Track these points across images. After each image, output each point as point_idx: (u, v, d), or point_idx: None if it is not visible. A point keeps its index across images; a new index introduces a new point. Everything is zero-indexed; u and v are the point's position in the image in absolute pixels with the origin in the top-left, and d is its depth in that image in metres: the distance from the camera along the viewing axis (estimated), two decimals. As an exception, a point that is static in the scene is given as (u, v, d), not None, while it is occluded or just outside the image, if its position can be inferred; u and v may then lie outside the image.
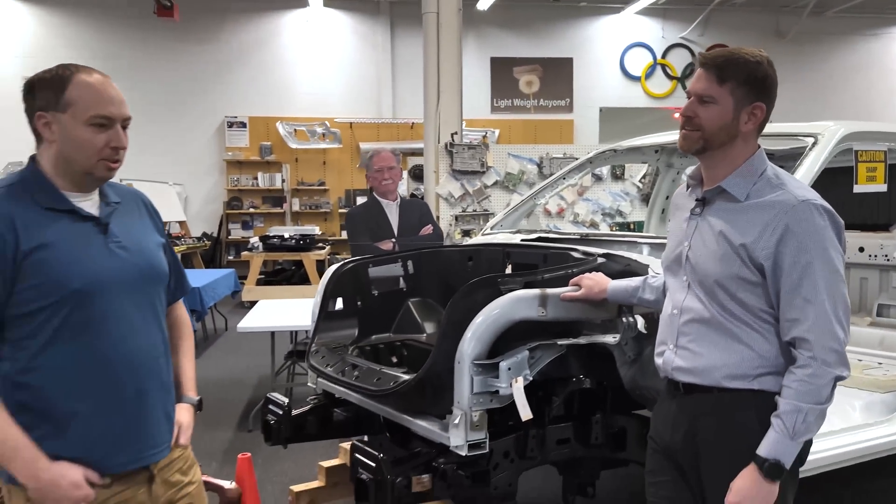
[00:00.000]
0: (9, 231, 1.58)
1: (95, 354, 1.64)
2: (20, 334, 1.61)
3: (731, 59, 1.83)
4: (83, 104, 1.64)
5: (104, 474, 1.65)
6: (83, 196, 1.71)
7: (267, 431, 3.14)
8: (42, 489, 1.58)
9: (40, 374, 1.61)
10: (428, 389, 2.52)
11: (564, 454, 2.78)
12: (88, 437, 1.64)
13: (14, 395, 1.60)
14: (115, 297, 1.67)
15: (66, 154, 1.66)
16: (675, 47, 14.47)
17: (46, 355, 1.61)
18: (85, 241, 1.67)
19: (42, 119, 1.66)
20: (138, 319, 1.72)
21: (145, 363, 1.72)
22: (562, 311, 2.47)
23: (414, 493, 2.48)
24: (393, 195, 4.46)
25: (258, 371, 6.59)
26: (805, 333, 1.73)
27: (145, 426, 1.73)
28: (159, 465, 1.76)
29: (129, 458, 1.70)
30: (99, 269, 1.66)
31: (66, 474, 1.59)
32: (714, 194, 1.89)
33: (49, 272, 1.60)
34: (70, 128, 1.64)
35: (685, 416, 1.91)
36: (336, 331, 3.33)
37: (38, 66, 1.79)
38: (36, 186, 1.66)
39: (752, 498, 1.74)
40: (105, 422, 1.66)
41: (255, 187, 13.14)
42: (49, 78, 1.67)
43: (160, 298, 1.82)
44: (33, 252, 1.59)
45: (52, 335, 1.61)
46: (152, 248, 1.81)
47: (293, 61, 13.42)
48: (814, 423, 1.73)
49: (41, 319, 1.60)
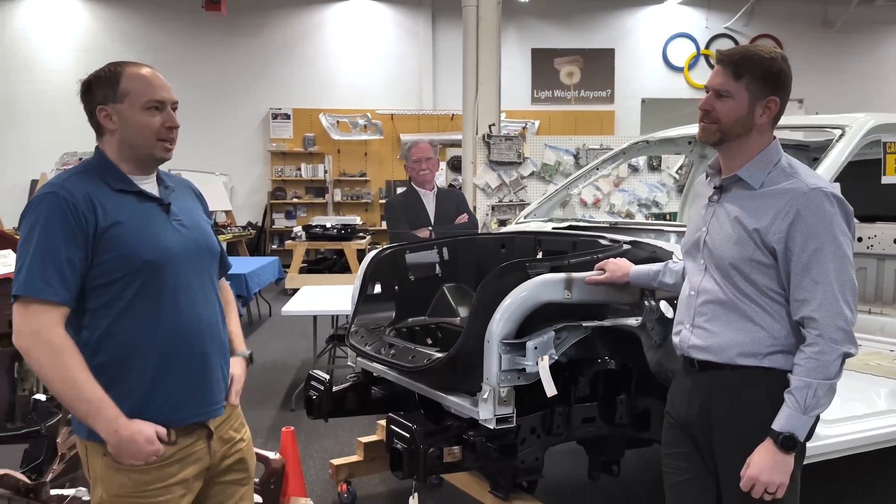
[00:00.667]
0: (90, 211, 1.75)
1: (164, 320, 1.81)
2: (99, 303, 1.78)
3: (746, 56, 1.93)
4: (137, 92, 1.83)
5: (171, 428, 1.83)
6: (145, 179, 1.90)
7: (309, 406, 3.32)
8: (120, 444, 1.74)
9: (117, 339, 1.78)
10: (459, 367, 2.67)
11: (590, 432, 2.91)
12: (158, 396, 1.81)
13: (94, 359, 1.75)
14: (180, 269, 1.84)
15: (128, 139, 1.85)
16: (720, 37, 14.32)
17: (122, 322, 1.78)
18: (152, 218, 1.84)
19: (103, 112, 1.84)
20: (199, 288, 1.89)
21: (207, 327, 1.89)
22: (586, 294, 2.60)
23: (445, 463, 2.63)
24: (430, 185, 4.61)
25: (301, 355, 6.83)
26: (813, 313, 1.83)
27: (207, 384, 1.90)
28: (216, 423, 1.94)
29: (193, 413, 1.87)
30: (165, 243, 1.83)
31: (143, 430, 1.75)
32: (731, 182, 2.00)
33: (124, 246, 1.77)
34: (129, 115, 1.83)
35: (700, 391, 2.03)
36: (374, 313, 3.50)
37: (92, 60, 1.97)
38: (105, 172, 1.84)
39: (770, 469, 1.85)
40: (173, 381, 1.82)
41: (299, 178, 13.43)
42: (104, 75, 1.85)
43: (214, 270, 2.01)
44: (110, 228, 1.76)
45: (127, 303, 1.78)
46: (205, 227, 2.00)
47: (336, 54, 13.66)
48: (823, 397, 1.84)
49: (117, 289, 1.77)
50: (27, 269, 1.72)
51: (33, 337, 1.71)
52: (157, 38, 13.10)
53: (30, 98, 12.90)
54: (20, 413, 3.39)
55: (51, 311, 1.71)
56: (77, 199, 1.75)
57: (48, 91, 12.80)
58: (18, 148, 12.70)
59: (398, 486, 3.82)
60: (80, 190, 1.77)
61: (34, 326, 1.71)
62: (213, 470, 1.95)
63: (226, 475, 1.99)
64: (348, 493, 3.68)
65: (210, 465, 1.93)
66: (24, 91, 12.91)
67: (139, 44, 12.94)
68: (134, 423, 1.76)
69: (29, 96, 12.91)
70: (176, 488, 1.84)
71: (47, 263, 1.71)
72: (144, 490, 1.80)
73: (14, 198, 12.24)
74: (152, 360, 1.80)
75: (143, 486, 1.79)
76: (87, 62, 14.26)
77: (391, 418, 2.77)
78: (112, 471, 1.79)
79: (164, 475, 1.82)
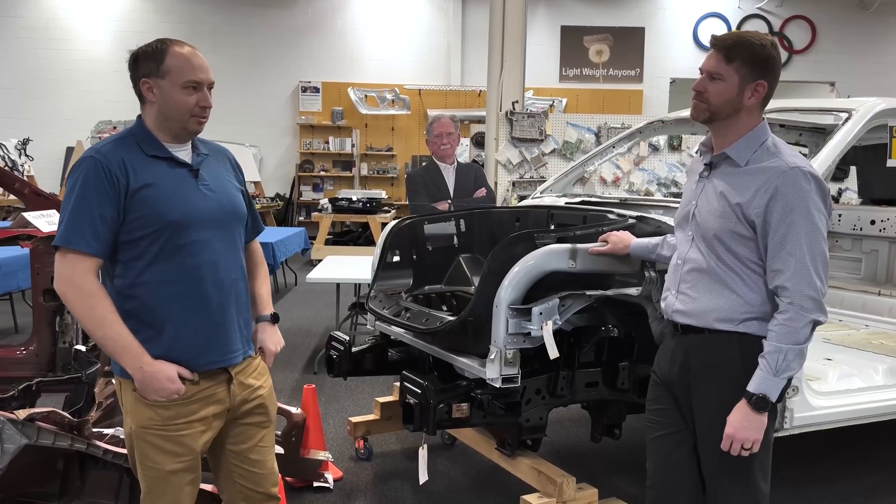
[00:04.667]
0: (122, 173, 1.95)
1: (187, 273, 2.01)
2: (129, 256, 1.99)
3: (738, 42, 2.06)
4: (178, 71, 1.99)
5: (193, 371, 2.04)
6: (179, 147, 2.08)
7: (329, 365, 3.53)
8: (144, 380, 1.95)
9: (144, 288, 1.99)
10: (469, 329, 2.85)
11: (592, 396, 3.07)
12: (180, 340, 2.01)
13: (124, 306, 1.97)
14: (204, 228, 2.04)
15: (165, 112, 2.02)
16: (752, 18, 14.17)
17: (149, 273, 1.98)
18: (180, 182, 2.03)
19: (146, 84, 2.02)
20: (221, 247, 2.08)
21: (226, 282, 2.08)
22: (589, 264, 2.75)
23: (453, 418, 2.82)
24: (450, 159, 4.76)
25: (324, 322, 7.07)
26: (785, 282, 1.98)
27: (226, 333, 2.09)
28: (236, 370, 2.15)
29: (212, 359, 2.07)
30: (191, 204, 2.02)
31: (164, 369, 1.96)
32: (720, 159, 2.14)
33: (152, 206, 1.97)
34: (168, 91, 2.00)
35: (680, 352, 2.20)
36: (393, 280, 3.68)
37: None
38: (142, 138, 2.04)
39: (746, 428, 2.01)
40: (194, 328, 2.02)
41: (326, 151, 13.64)
42: (150, 51, 2.02)
43: (239, 234, 2.20)
44: (140, 190, 1.96)
45: (154, 257, 1.98)
46: (234, 193, 2.17)
47: (366, 28, 13.77)
48: (794, 360, 1.99)
49: (145, 244, 1.97)
50: (65, 224, 1.94)
51: (68, 282, 1.94)
52: (191, 9, 13.30)
53: (66, 68, 13.22)
54: (61, 363, 3.64)
55: (84, 261, 1.93)
56: (111, 163, 1.95)
57: (84, 61, 13.11)
58: (55, 116, 13.04)
59: (412, 443, 4.02)
60: (115, 155, 1.98)
61: (69, 273, 1.93)
62: (234, 412, 2.15)
63: (246, 418, 2.19)
64: (365, 450, 3.90)
65: (230, 407, 2.14)
66: (61, 61, 13.22)
67: (173, 14, 13.17)
68: (158, 362, 1.97)
69: (65, 66, 13.22)
70: (196, 424, 2.05)
71: (83, 219, 1.93)
72: (168, 424, 2.01)
73: (51, 164, 12.63)
74: (175, 310, 2.01)
75: (166, 420, 2.01)
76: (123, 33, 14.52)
77: (405, 376, 2.95)
78: (140, 405, 2.01)
79: (186, 412, 2.03)
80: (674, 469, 2.24)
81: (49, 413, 2.45)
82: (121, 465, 2.62)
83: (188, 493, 2.08)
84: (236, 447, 2.19)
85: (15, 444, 2.30)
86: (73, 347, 3.60)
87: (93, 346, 3.74)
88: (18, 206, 8.84)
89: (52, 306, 3.67)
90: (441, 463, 3.84)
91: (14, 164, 10.32)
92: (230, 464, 2.19)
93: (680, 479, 2.23)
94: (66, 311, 3.65)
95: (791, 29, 14.23)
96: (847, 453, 4.09)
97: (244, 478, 2.21)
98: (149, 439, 2.01)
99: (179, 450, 2.03)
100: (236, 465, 2.20)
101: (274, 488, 2.27)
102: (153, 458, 2.02)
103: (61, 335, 3.67)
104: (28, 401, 3.21)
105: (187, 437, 2.03)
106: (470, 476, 3.73)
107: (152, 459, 2.02)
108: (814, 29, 14.19)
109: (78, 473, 2.71)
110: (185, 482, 2.06)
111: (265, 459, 2.24)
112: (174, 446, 2.02)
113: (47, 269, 3.57)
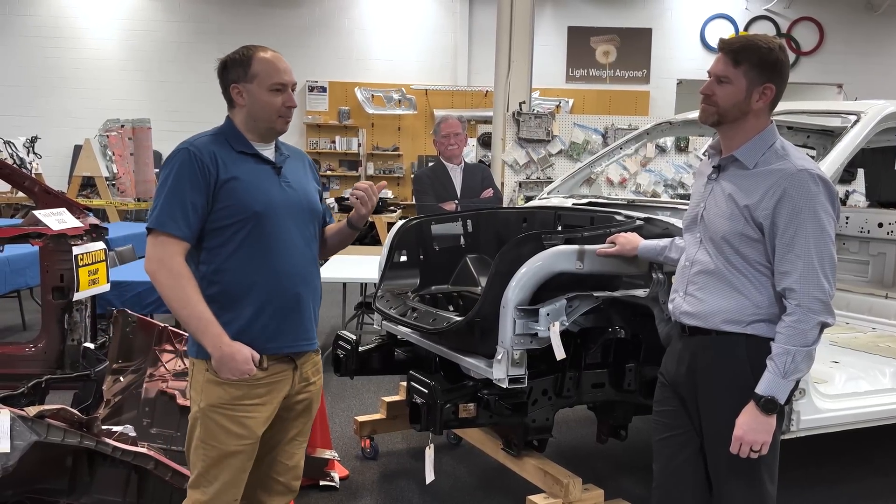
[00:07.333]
0: (213, 165, 2.08)
1: (267, 262, 2.12)
2: (214, 244, 2.11)
3: (746, 45, 2.07)
4: (264, 75, 2.13)
5: (263, 356, 2.12)
6: (264, 146, 2.21)
7: (336, 364, 3.54)
8: (222, 359, 2.04)
9: (227, 275, 2.10)
10: (476, 330, 2.86)
11: (599, 397, 3.08)
12: (257, 325, 2.11)
13: (207, 290, 2.08)
14: (283, 221, 2.15)
15: (254, 114, 2.16)
16: (759, 19, 14.13)
17: (232, 260, 2.10)
18: (264, 177, 2.16)
19: (235, 89, 2.15)
20: (298, 240, 2.20)
21: (302, 273, 2.20)
22: (597, 266, 2.76)
23: (460, 418, 2.83)
24: (458, 159, 4.76)
25: (330, 321, 7.06)
26: (793, 284, 1.98)
27: (299, 321, 2.20)
28: (302, 360, 2.24)
29: (284, 345, 2.17)
30: (273, 198, 2.14)
31: (241, 350, 2.06)
32: (728, 162, 2.15)
33: (237, 197, 2.09)
34: (256, 94, 2.14)
35: (688, 354, 2.20)
36: (400, 280, 3.69)
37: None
38: (231, 136, 2.17)
39: (755, 430, 2.02)
40: (270, 314, 2.12)
41: (333, 150, 13.64)
42: (237, 58, 2.16)
43: (315, 228, 2.30)
44: (228, 182, 2.09)
45: (237, 246, 2.10)
46: (311, 190, 2.31)
47: (372, 28, 13.77)
48: (802, 362, 1.99)
49: (230, 233, 2.10)
50: (160, 208, 2.06)
51: (159, 263, 2.04)
52: (199, 9, 13.32)
53: (74, 66, 13.25)
54: (69, 361, 3.66)
55: (174, 244, 2.04)
56: (204, 154, 2.08)
57: (92, 59, 13.14)
58: (63, 114, 13.08)
59: (418, 443, 4.04)
60: (207, 148, 2.10)
61: (160, 254, 2.04)
62: (286, 401, 2.23)
63: (293, 409, 2.27)
64: (371, 449, 3.91)
65: (287, 395, 2.22)
66: (69, 59, 13.25)
67: (180, 13, 13.19)
68: (235, 343, 2.07)
69: (73, 64, 13.25)
70: (260, 408, 2.14)
71: (175, 205, 2.04)
72: (235, 404, 2.10)
73: (59, 162, 12.68)
74: (254, 295, 2.12)
75: (234, 399, 2.10)
76: (131, 31, 14.48)
77: (412, 375, 2.97)
78: (211, 384, 2.11)
79: (253, 394, 2.12)
80: (680, 470, 2.25)
81: (59, 410, 2.47)
82: (129, 462, 2.64)
83: (241, 480, 2.17)
84: (274, 437, 2.26)
85: (25, 441, 2.32)
86: (82, 345, 3.62)
87: (101, 345, 3.77)
88: (27, 204, 8.89)
89: (61, 304, 3.68)
90: (447, 462, 3.85)
91: (22, 162, 10.37)
92: (261, 450, 2.24)
93: (686, 480, 2.24)
94: (75, 309, 3.67)
95: (799, 30, 14.18)
96: (852, 456, 4.09)
97: (270, 466, 2.29)
98: (215, 418, 2.10)
99: (243, 431, 2.12)
100: (267, 453, 2.27)
101: (296, 482, 2.35)
102: (218, 438, 2.11)
103: (70, 333, 3.68)
104: (37, 398, 3.24)
105: (251, 420, 2.13)
106: (476, 476, 3.74)
107: (217, 439, 2.11)
108: (821, 30, 14.15)
109: (87, 470, 2.73)
110: (241, 466, 2.15)
111: (296, 453, 2.33)
112: (238, 428, 2.11)
113: (56, 266, 3.59)
